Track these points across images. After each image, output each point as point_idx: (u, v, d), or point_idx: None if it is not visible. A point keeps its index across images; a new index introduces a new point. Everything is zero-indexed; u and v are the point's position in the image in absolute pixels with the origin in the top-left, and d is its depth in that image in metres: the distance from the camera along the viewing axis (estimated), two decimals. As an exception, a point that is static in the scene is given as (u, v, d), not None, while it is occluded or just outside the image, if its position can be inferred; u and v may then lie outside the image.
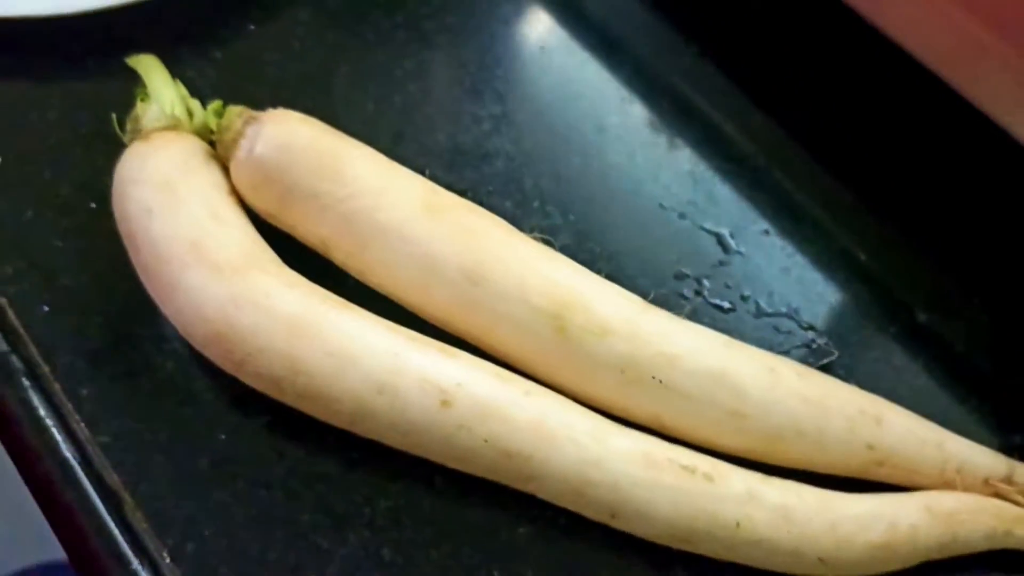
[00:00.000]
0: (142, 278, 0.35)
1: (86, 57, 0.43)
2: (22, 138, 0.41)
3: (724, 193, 0.41)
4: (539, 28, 0.46)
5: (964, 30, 0.37)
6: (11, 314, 0.37)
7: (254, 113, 0.37)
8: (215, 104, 0.39)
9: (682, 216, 0.41)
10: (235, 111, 0.37)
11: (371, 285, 0.36)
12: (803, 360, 0.37)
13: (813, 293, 0.39)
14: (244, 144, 0.36)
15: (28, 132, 0.41)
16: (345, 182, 0.35)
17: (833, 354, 0.37)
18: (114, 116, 0.39)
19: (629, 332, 0.33)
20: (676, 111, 0.43)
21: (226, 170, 0.37)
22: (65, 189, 0.40)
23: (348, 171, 0.35)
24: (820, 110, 0.43)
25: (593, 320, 0.33)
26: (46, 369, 0.36)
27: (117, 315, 0.37)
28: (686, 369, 0.33)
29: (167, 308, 0.35)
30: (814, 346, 0.38)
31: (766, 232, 0.40)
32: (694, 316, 0.38)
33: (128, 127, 0.38)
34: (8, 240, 0.39)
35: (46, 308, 0.37)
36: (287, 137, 0.36)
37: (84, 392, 0.36)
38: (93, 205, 0.40)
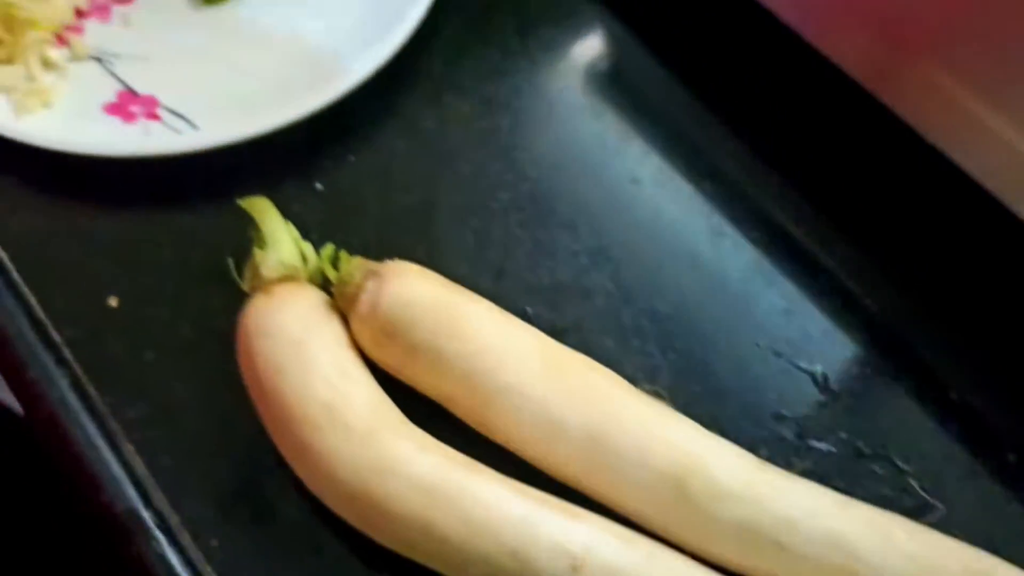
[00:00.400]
0: (271, 433, 0.37)
1: (194, 193, 0.45)
2: (137, 277, 0.43)
3: (819, 330, 0.43)
4: (631, 157, 0.47)
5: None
6: (138, 461, 0.38)
7: (372, 266, 0.39)
8: (328, 249, 0.41)
9: (778, 354, 0.42)
10: (354, 264, 0.39)
11: (492, 439, 0.37)
12: (902, 504, 0.38)
13: (909, 432, 0.40)
14: (365, 299, 0.38)
15: (143, 271, 0.43)
16: (466, 340, 0.37)
17: (938, 509, 0.38)
18: (231, 262, 0.41)
19: (747, 495, 0.35)
20: (768, 242, 0.45)
21: (345, 320, 0.39)
22: (184, 330, 0.42)
23: (468, 329, 0.37)
24: (912, 244, 0.45)
25: (712, 484, 0.35)
26: (176, 519, 0.37)
27: (241, 461, 0.39)
28: (802, 532, 0.34)
29: (298, 467, 0.36)
30: (912, 490, 0.39)
31: (861, 370, 0.42)
32: (795, 460, 0.39)
33: (247, 275, 0.39)
34: (131, 383, 0.40)
35: (172, 454, 0.39)
36: (408, 295, 0.37)
37: (214, 542, 0.37)
38: (213, 346, 0.41)
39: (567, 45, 0.50)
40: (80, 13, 0.50)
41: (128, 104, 0.46)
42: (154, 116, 0.46)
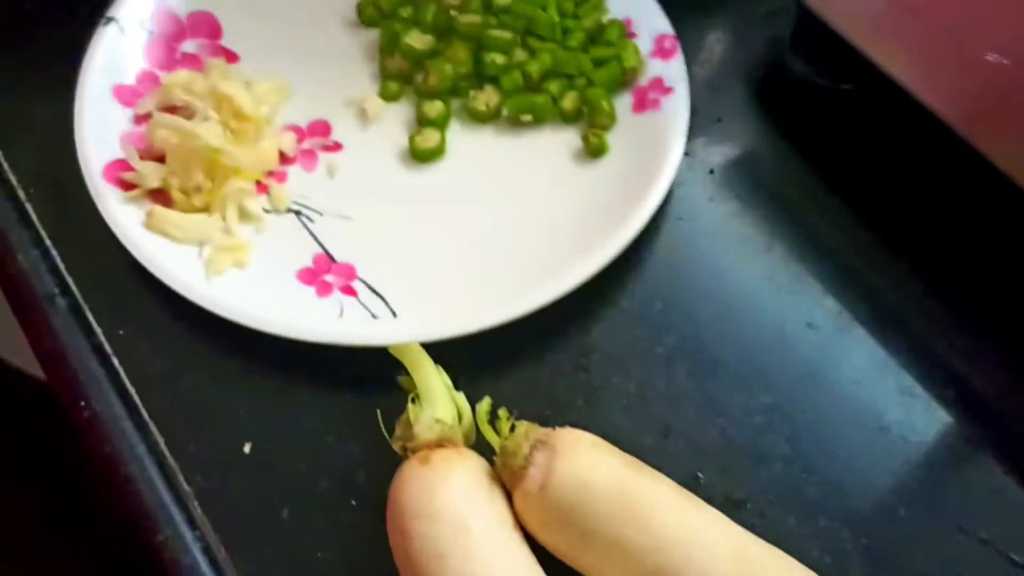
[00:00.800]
0: (425, 622, 0.33)
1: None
2: (271, 422, 0.40)
3: (1030, 514, 0.38)
4: (806, 298, 0.43)
5: None
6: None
7: (540, 434, 0.35)
8: (484, 405, 0.37)
9: (984, 542, 0.37)
10: (519, 432, 0.35)
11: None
12: None
13: None
14: (534, 475, 0.34)
15: (277, 416, 0.40)
16: (648, 532, 0.33)
17: None
18: (379, 413, 0.37)
19: None
20: (965, 406, 0.40)
21: (507, 490, 0.35)
22: (322, 483, 0.38)
23: (651, 518, 0.33)
24: None
25: None
26: None
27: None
28: None
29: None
30: None
31: (1082, 567, 0.37)
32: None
33: (398, 432, 0.36)
34: (266, 545, 0.37)
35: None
36: (582, 474, 0.33)
37: None
38: (353, 503, 0.38)
39: (733, 169, 0.46)
40: (284, 159, 0.46)
41: (324, 272, 0.42)
42: (350, 290, 0.41)
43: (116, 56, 0.46)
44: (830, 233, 0.45)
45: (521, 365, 0.41)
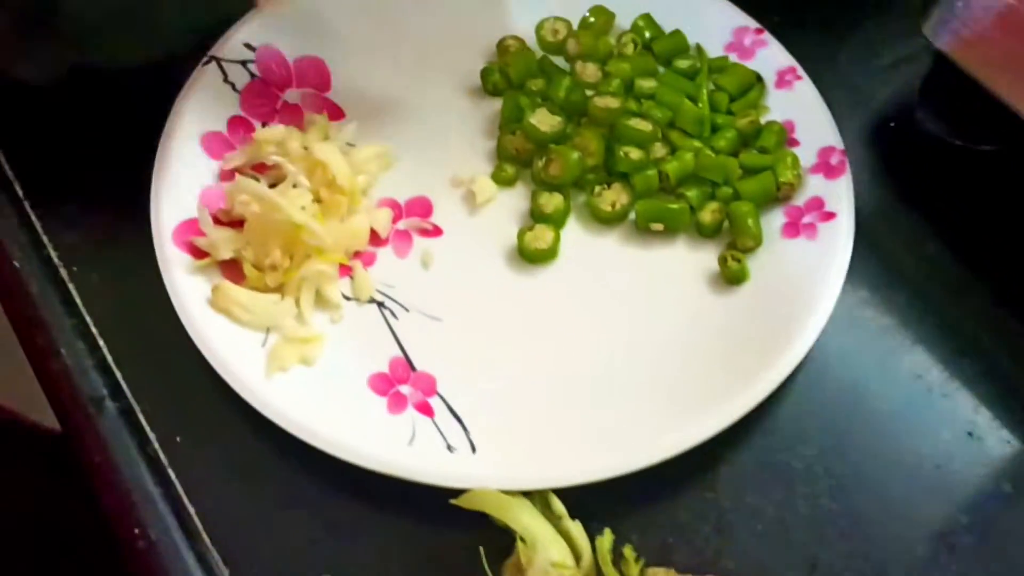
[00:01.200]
0: None
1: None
2: (352, 552, 0.34)
3: None
4: (965, 405, 0.37)
5: None
6: None
7: (675, 584, 0.30)
8: (606, 542, 0.32)
9: None
10: (654, 583, 0.30)
11: None
12: None
13: None
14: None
15: (359, 544, 0.34)
16: None
17: None
18: (482, 551, 0.32)
19: None
20: None
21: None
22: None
23: None
24: None
25: None
26: None
27: None
28: None
29: None
30: None
31: None
32: None
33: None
34: None
35: None
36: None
37: None
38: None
39: (860, 245, 0.40)
40: (376, 239, 0.40)
41: (400, 381, 0.37)
42: (427, 409, 0.36)
43: (211, 100, 0.41)
44: (978, 322, 0.40)
45: (638, 482, 0.35)
